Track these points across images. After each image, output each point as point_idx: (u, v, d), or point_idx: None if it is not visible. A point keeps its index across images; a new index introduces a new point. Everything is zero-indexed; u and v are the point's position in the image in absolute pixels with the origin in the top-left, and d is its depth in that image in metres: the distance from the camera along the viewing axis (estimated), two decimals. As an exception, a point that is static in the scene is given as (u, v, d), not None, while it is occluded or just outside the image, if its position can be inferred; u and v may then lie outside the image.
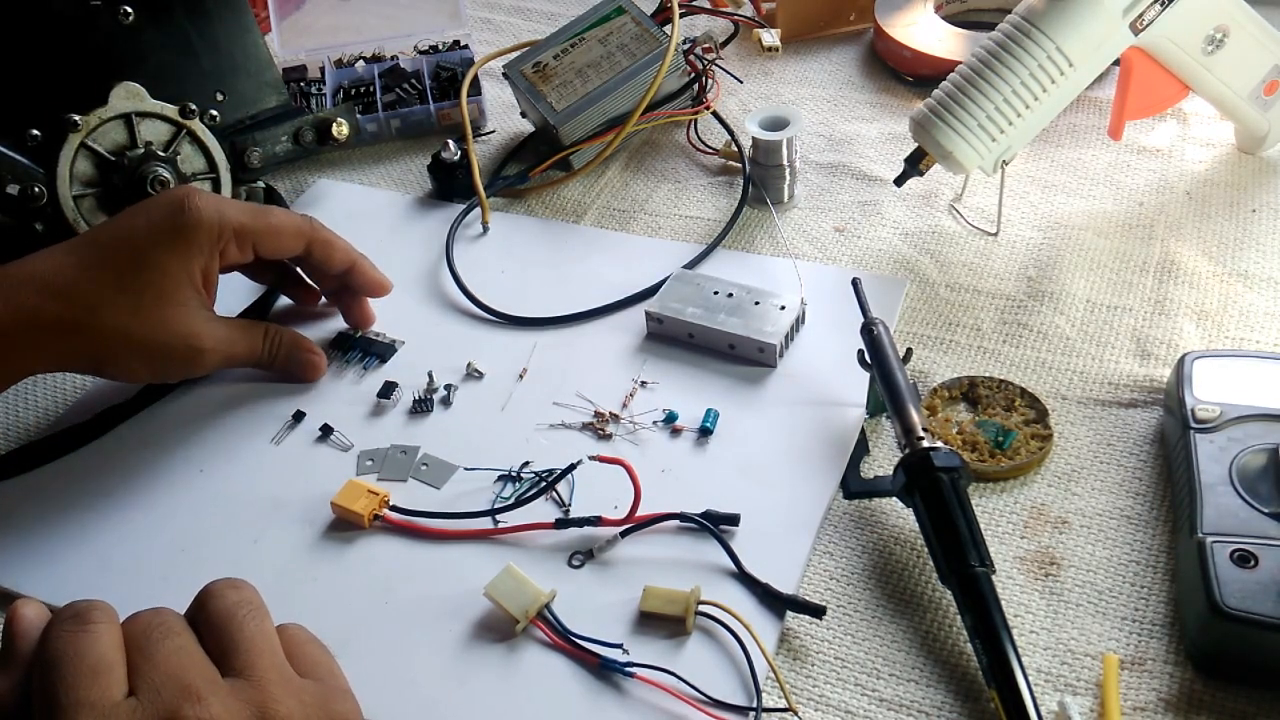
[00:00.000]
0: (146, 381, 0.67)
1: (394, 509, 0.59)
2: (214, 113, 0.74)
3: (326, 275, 0.70)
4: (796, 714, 0.49)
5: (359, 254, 0.69)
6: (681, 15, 0.81)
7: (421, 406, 0.66)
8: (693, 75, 0.83)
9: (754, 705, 0.49)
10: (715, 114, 0.84)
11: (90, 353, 0.60)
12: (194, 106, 0.73)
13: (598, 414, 0.64)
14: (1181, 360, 0.58)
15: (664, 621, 0.53)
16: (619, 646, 0.51)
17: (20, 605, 0.41)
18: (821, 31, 0.97)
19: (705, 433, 0.62)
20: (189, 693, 0.37)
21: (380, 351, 0.69)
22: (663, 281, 0.70)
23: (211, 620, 0.41)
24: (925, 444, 0.54)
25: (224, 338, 0.63)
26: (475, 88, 0.89)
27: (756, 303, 0.67)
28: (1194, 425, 0.54)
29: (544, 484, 0.59)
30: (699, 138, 0.84)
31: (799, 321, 0.67)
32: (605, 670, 0.51)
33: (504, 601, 0.53)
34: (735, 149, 0.81)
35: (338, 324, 0.72)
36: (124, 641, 0.39)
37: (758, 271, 0.73)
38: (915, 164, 0.71)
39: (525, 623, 0.52)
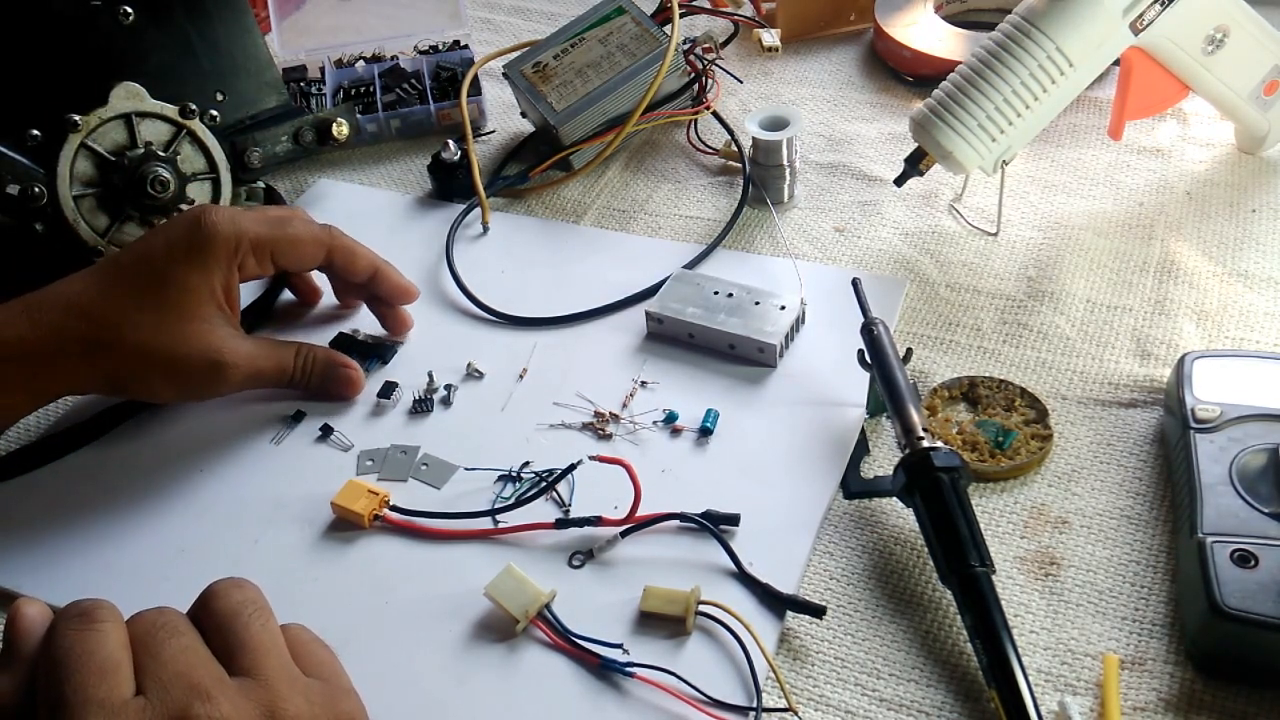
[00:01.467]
0: (172, 401, 0.66)
1: (394, 509, 0.59)
2: (214, 113, 0.74)
3: (350, 285, 0.70)
4: (797, 714, 0.49)
5: (382, 260, 0.69)
6: (681, 15, 0.81)
7: (421, 406, 0.66)
8: (693, 75, 0.83)
9: (754, 705, 0.49)
10: (715, 114, 0.84)
11: (115, 373, 0.60)
12: (194, 106, 0.73)
13: (598, 414, 0.64)
14: (1181, 360, 0.58)
15: (664, 621, 0.53)
16: (619, 646, 0.51)
17: (22, 604, 0.41)
18: (821, 31, 0.97)
19: (705, 433, 0.62)
20: (198, 691, 0.37)
21: (381, 354, 0.69)
22: (663, 281, 0.70)
23: (216, 620, 0.41)
24: (925, 444, 0.54)
25: (248, 354, 0.63)
26: (475, 88, 0.89)
27: (756, 303, 0.67)
28: (1194, 425, 0.54)
29: (544, 484, 0.59)
30: (699, 138, 0.84)
31: (799, 321, 0.67)
32: (605, 670, 0.51)
33: (504, 601, 0.53)
34: (735, 149, 0.81)
35: (336, 326, 0.72)
36: (130, 641, 0.39)
37: (758, 271, 0.73)
38: (915, 164, 0.71)
39: (525, 623, 0.52)
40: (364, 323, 0.72)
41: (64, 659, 0.37)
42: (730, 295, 0.67)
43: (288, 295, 0.75)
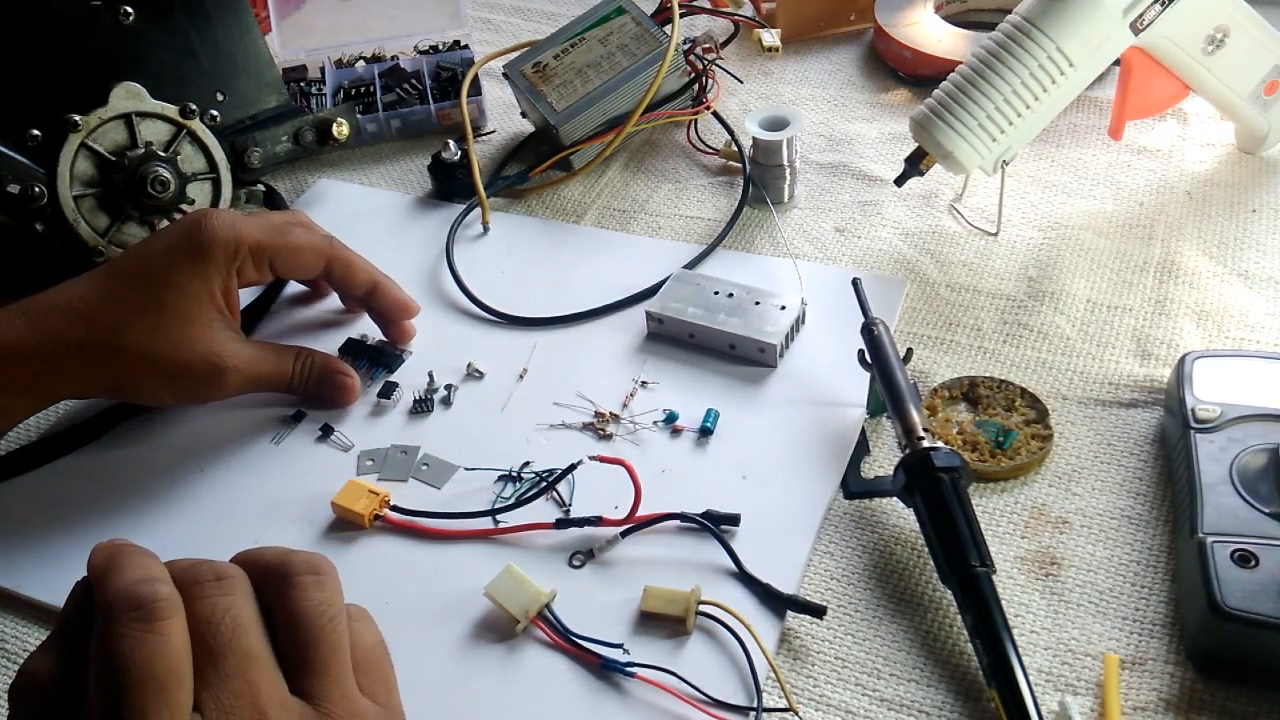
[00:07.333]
0: (171, 404, 0.66)
1: (394, 509, 0.59)
2: (214, 113, 0.74)
3: (349, 297, 0.70)
4: (797, 714, 0.49)
5: (382, 275, 0.68)
6: (681, 15, 0.81)
7: (422, 406, 0.66)
8: (693, 75, 0.82)
9: (754, 705, 0.49)
10: (715, 114, 0.84)
11: (115, 376, 0.60)
12: (194, 106, 0.73)
13: (598, 414, 0.64)
14: (1181, 360, 0.58)
15: (664, 621, 0.53)
16: (619, 646, 0.51)
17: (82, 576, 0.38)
18: (821, 31, 0.97)
19: (705, 433, 0.62)
20: None
21: (388, 362, 0.69)
22: (663, 281, 0.70)
23: (290, 618, 0.38)
24: (925, 444, 0.54)
25: (248, 357, 0.63)
26: (475, 88, 0.89)
27: (757, 303, 0.67)
28: (1194, 425, 0.54)
29: (544, 484, 0.59)
30: (699, 138, 0.84)
31: (799, 321, 0.67)
32: (606, 670, 0.51)
33: (504, 601, 0.53)
34: (735, 149, 0.81)
35: (346, 331, 0.72)
36: (190, 634, 0.36)
37: (758, 271, 0.72)
38: (915, 164, 0.71)
39: (525, 623, 0.52)
40: (373, 328, 0.71)
41: (122, 666, 0.34)
42: (730, 295, 0.67)
43: (289, 292, 0.75)
